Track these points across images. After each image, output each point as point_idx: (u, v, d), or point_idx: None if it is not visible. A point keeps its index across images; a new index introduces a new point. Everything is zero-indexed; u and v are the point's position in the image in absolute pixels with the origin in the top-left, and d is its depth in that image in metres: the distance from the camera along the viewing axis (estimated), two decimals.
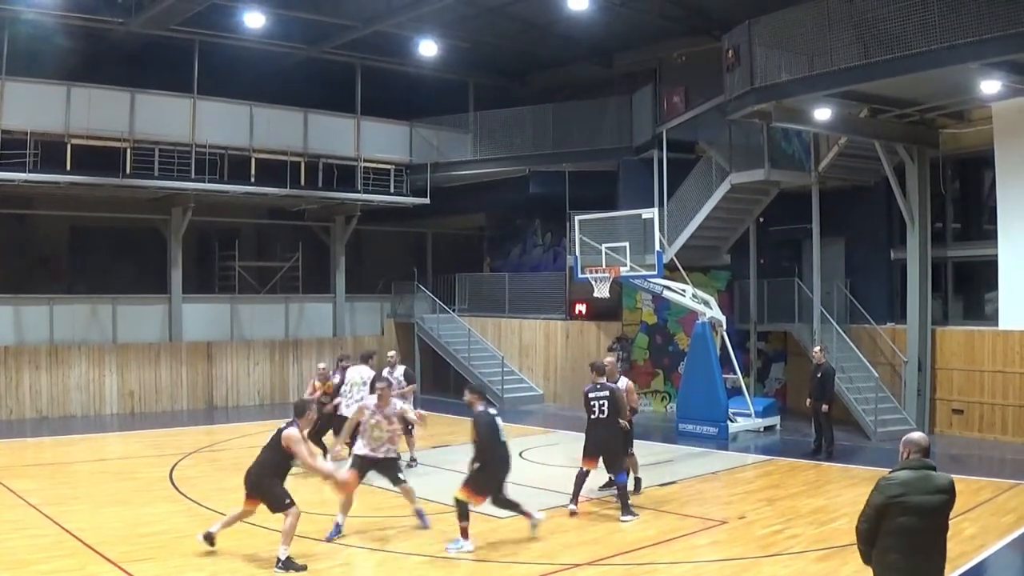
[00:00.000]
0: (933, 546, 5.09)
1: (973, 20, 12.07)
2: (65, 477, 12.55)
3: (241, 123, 20.45)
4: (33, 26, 18.06)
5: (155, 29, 18.78)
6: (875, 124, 16.20)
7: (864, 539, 5.15)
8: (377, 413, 9.55)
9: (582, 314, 21.69)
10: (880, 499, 5.03)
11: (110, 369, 19.58)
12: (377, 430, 9.52)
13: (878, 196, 18.42)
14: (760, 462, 14.49)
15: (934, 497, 5.04)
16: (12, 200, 19.18)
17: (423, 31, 20.14)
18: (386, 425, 9.57)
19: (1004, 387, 15.90)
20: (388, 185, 22.70)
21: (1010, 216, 15.82)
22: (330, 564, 8.40)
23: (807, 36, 14.19)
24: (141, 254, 22.09)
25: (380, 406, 9.59)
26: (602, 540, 9.34)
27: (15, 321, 18.94)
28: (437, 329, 23.43)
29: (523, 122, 22.62)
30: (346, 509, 9.29)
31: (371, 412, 9.54)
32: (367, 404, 9.75)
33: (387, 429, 9.57)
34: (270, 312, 22.76)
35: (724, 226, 19.90)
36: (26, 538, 9.06)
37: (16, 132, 17.40)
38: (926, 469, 5.11)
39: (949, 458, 14.57)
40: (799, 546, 9.06)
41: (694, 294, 17.44)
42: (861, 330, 18.26)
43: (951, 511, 5.21)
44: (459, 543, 8.80)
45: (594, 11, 18.60)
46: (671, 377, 20.45)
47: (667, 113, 20.08)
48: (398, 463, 9.95)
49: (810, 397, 14.92)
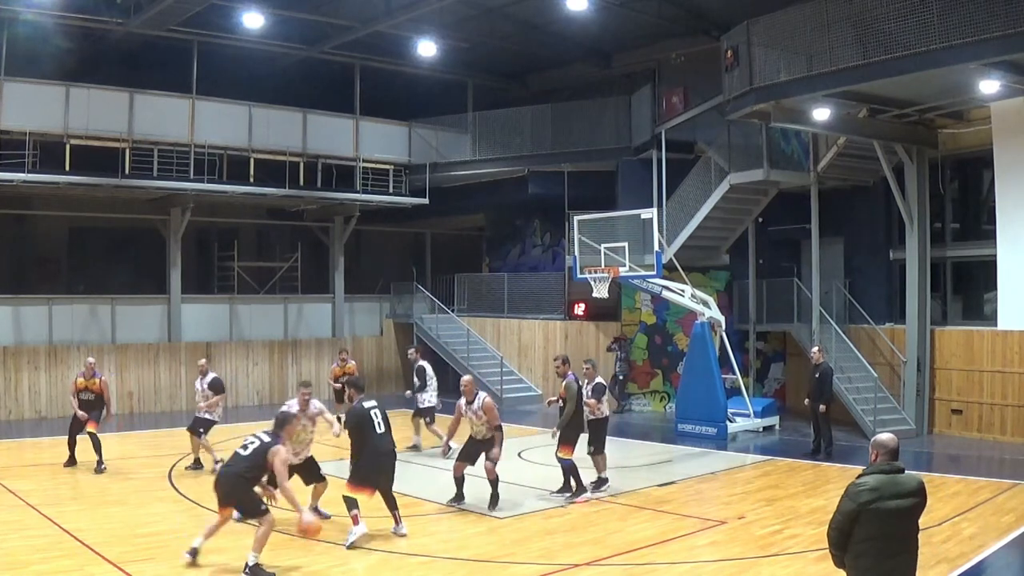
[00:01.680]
0: (905, 549, 5.08)
1: (972, 20, 12.06)
2: (64, 477, 12.54)
3: (240, 123, 20.44)
4: (32, 26, 18.05)
5: (154, 29, 18.78)
6: (874, 124, 16.20)
7: (836, 544, 5.14)
8: (303, 417, 9.83)
9: (581, 314, 21.69)
10: (851, 505, 5.02)
11: (109, 369, 19.52)
12: (304, 433, 9.88)
13: (877, 196, 18.43)
14: (759, 462, 14.50)
15: (905, 501, 5.03)
16: (11, 200, 19.19)
17: (422, 31, 20.13)
18: (311, 427, 10.06)
19: (1003, 387, 15.91)
20: (387, 185, 22.70)
21: (1009, 216, 15.83)
22: (330, 564, 8.39)
23: (806, 36, 14.19)
24: (140, 254, 22.12)
25: (302, 409, 9.97)
26: (601, 540, 9.34)
27: (14, 321, 18.93)
28: (436, 329, 23.44)
29: (522, 122, 22.62)
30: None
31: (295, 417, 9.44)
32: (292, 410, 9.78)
33: (311, 431, 10.05)
34: (269, 312, 22.76)
35: (723, 226, 19.91)
36: (25, 538, 9.06)
37: (15, 132, 17.39)
38: (896, 472, 5.10)
39: (948, 458, 14.60)
40: (798, 546, 9.06)
41: (693, 294, 17.45)
42: (860, 330, 18.26)
43: (922, 513, 5.20)
44: (352, 532, 8.97)
45: (593, 11, 18.61)
46: (670, 377, 20.46)
47: (666, 113, 20.09)
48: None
49: (808, 397, 14.95)
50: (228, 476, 8.21)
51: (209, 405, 12.95)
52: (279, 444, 8.22)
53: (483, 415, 10.49)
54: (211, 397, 12.97)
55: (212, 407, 12.96)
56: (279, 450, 8.15)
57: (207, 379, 13.12)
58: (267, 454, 8.11)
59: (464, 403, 10.66)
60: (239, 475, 8.13)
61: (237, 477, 8.13)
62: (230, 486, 8.13)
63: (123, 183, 18.74)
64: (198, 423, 12.97)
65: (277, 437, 8.30)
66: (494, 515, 10.06)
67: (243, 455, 8.22)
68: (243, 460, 8.19)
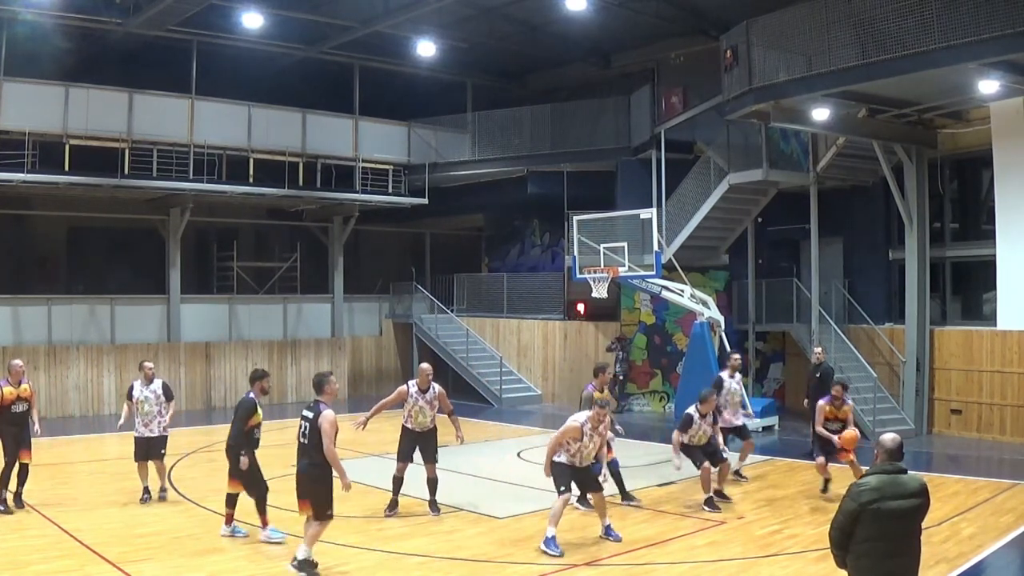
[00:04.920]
0: (907, 550, 5.07)
1: (971, 20, 12.07)
2: (63, 477, 12.53)
3: (239, 123, 20.44)
4: (31, 26, 18.05)
5: (153, 30, 18.77)
6: (873, 124, 16.20)
7: (838, 545, 5.14)
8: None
9: (581, 314, 21.69)
10: (853, 506, 5.02)
11: (108, 369, 19.56)
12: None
13: (876, 196, 18.44)
14: (758, 462, 14.47)
15: (907, 501, 5.02)
16: (10, 201, 19.18)
17: (421, 32, 20.14)
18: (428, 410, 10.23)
19: (1002, 387, 15.92)
20: (386, 185, 22.69)
21: (1008, 216, 15.83)
22: (330, 564, 8.38)
23: (805, 36, 14.19)
24: (139, 254, 22.10)
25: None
26: (601, 540, 9.33)
27: (13, 321, 18.92)
28: (435, 329, 23.44)
29: (521, 122, 22.64)
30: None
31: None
32: None
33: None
34: (268, 312, 22.75)
35: (722, 226, 19.91)
36: (24, 538, 9.05)
37: (14, 132, 17.39)
38: (898, 473, 5.10)
39: (947, 458, 14.60)
40: (797, 546, 9.06)
41: (692, 294, 17.45)
42: (859, 330, 18.27)
43: (925, 515, 5.18)
44: (224, 529, 9.23)
45: (592, 11, 18.61)
46: (669, 377, 20.45)
47: (665, 113, 20.10)
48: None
49: (808, 397, 14.92)
50: (303, 472, 8.00)
51: (170, 417, 11.13)
52: (329, 409, 7.97)
53: (437, 403, 10.34)
54: (166, 406, 11.05)
55: (170, 419, 11.17)
56: (331, 415, 7.91)
57: (155, 385, 11.03)
58: (321, 422, 7.82)
59: (416, 390, 10.30)
60: (311, 466, 7.90)
61: (311, 468, 7.89)
62: (309, 480, 7.94)
63: (122, 183, 18.74)
64: (160, 444, 10.91)
65: (320, 402, 8.03)
66: (493, 515, 10.04)
67: (304, 443, 7.99)
68: (303, 448, 7.98)
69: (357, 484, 9.39)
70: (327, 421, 7.83)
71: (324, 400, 8.06)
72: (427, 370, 10.62)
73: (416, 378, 10.57)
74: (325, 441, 7.79)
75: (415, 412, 10.32)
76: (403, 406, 10.40)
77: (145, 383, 11.01)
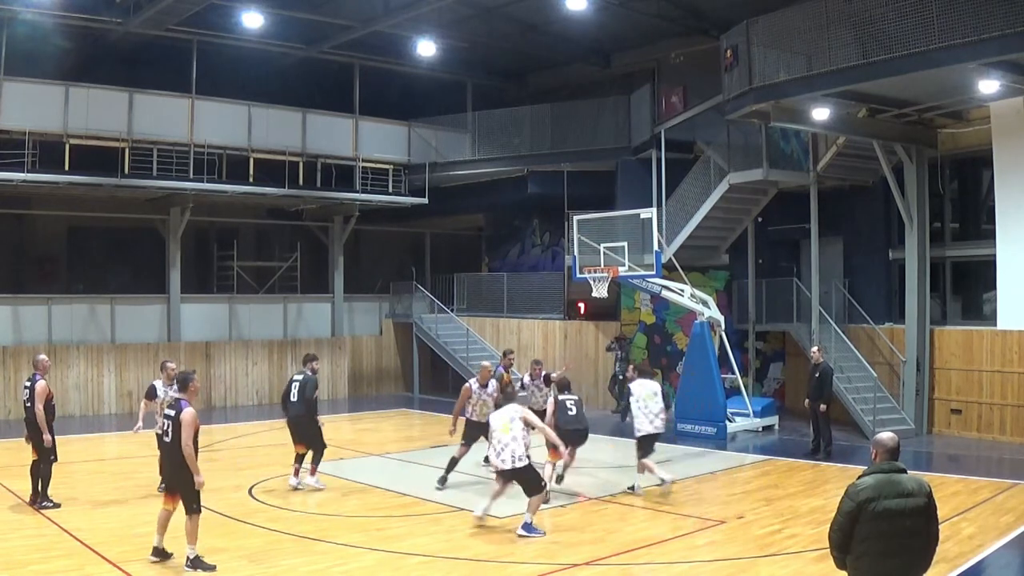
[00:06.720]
0: (907, 549, 5.04)
1: (971, 20, 12.07)
2: (63, 477, 12.49)
3: (239, 123, 20.44)
4: (31, 26, 18.05)
5: (153, 29, 18.77)
6: (873, 124, 16.20)
7: (838, 546, 5.13)
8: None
9: (581, 313, 21.69)
10: (851, 505, 5.02)
11: (108, 369, 19.57)
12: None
13: (876, 196, 18.43)
14: (758, 462, 14.50)
15: (905, 500, 5.01)
16: (10, 200, 19.17)
17: (421, 31, 20.13)
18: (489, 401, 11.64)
19: (1002, 387, 15.91)
20: (386, 185, 22.69)
21: (1008, 216, 15.83)
22: (330, 564, 8.39)
23: (805, 36, 14.19)
24: (139, 254, 22.10)
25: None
26: (600, 540, 9.34)
27: (13, 321, 18.92)
28: (435, 329, 23.44)
29: (521, 122, 22.62)
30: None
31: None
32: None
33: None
34: (268, 312, 22.75)
35: (722, 226, 19.90)
36: (24, 538, 9.07)
37: (14, 132, 17.38)
38: (895, 472, 5.10)
39: (947, 458, 14.61)
40: (797, 546, 9.06)
41: (692, 294, 17.45)
42: (859, 330, 18.27)
43: (931, 516, 5.12)
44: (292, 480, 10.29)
45: (592, 11, 18.60)
46: (669, 377, 20.43)
47: (665, 113, 20.09)
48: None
49: (808, 397, 14.95)
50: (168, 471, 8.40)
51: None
52: (185, 406, 8.14)
53: (496, 395, 11.47)
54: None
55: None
56: (188, 411, 8.06)
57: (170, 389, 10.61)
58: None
59: (477, 386, 11.73)
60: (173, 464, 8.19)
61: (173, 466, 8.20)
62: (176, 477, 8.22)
63: (123, 183, 18.73)
64: None
65: (180, 401, 8.20)
66: (494, 515, 10.04)
67: (168, 442, 8.16)
68: (170, 448, 8.16)
69: (356, 484, 9.43)
70: (186, 417, 8.03)
71: (186, 398, 8.26)
72: (488, 368, 12.03)
73: (476, 375, 12.07)
74: (184, 436, 7.98)
75: (479, 405, 11.72)
76: (469, 401, 11.84)
77: (168, 383, 10.99)
